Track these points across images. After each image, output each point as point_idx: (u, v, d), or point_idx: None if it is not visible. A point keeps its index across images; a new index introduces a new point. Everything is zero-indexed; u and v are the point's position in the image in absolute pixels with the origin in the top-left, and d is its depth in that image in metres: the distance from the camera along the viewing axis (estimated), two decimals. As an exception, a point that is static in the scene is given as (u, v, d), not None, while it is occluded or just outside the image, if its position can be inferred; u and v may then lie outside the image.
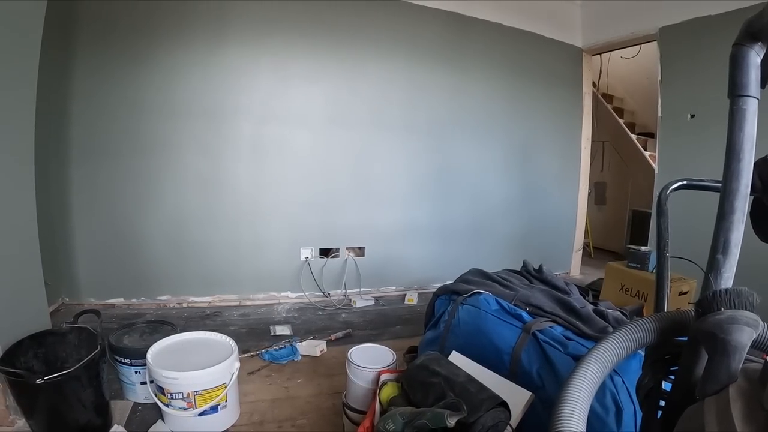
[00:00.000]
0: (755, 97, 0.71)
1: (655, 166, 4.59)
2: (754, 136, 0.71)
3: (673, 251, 3.19)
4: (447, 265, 4.40)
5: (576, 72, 5.24)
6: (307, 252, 4.01)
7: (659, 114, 4.43)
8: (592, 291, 3.88)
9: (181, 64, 3.49)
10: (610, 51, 5.78)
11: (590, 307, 1.93)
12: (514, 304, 2.02)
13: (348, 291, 4.16)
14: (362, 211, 4.19)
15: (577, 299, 2.04)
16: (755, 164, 0.97)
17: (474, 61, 4.55)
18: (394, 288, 4.40)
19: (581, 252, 5.51)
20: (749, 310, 0.67)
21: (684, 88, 4.17)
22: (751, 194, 1.03)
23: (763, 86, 0.88)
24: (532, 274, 2.43)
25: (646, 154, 6.27)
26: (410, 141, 4.30)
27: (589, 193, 5.67)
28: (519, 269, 2.60)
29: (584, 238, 5.66)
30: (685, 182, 1.08)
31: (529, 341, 1.80)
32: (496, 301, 2.07)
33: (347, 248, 4.19)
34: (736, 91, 0.71)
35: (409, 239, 4.41)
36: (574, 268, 5.43)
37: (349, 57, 3.98)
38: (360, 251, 4.25)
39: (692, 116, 4.14)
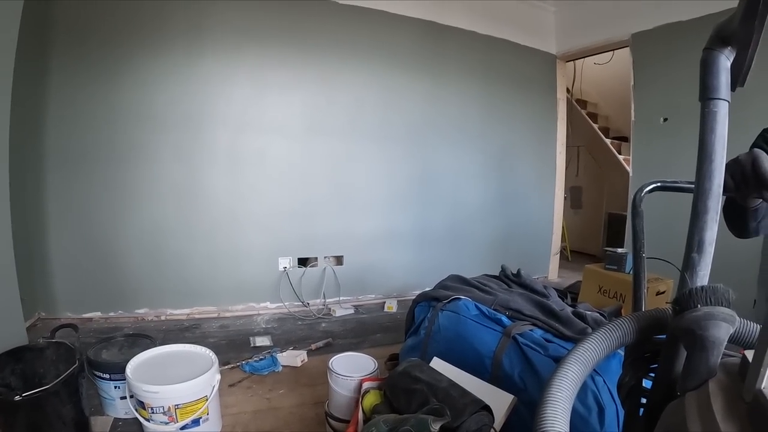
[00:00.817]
0: (726, 100, 0.73)
1: (629, 169, 4.65)
2: (726, 138, 0.73)
3: (649, 252, 3.23)
4: (427, 272, 4.42)
5: (550, 78, 5.32)
6: (286, 262, 4.00)
7: (632, 118, 4.51)
8: (570, 294, 3.92)
9: (159, 71, 3.48)
10: (584, 57, 5.87)
11: (569, 309, 1.95)
12: (494, 309, 2.04)
13: (327, 300, 4.16)
14: (341, 220, 4.19)
15: (555, 302, 2.07)
16: (727, 165, 1.00)
17: (450, 69, 4.60)
18: (374, 296, 4.40)
19: (559, 255, 5.57)
20: (725, 306, 0.69)
21: (657, 92, 4.25)
22: (723, 194, 1.06)
23: (733, 89, 0.90)
24: (510, 279, 2.45)
25: (621, 157, 6.37)
26: (388, 148, 4.32)
27: (566, 197, 5.74)
28: (498, 274, 2.62)
29: (561, 241, 5.72)
30: (659, 184, 1.10)
31: (509, 345, 1.82)
32: (476, 306, 2.08)
33: (326, 257, 4.18)
34: (707, 95, 0.73)
35: (388, 247, 4.42)
36: (552, 272, 5.48)
37: (327, 65, 4.00)
38: (338, 260, 4.25)
39: (665, 120, 4.22)
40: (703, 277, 0.75)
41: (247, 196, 3.82)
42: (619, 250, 3.47)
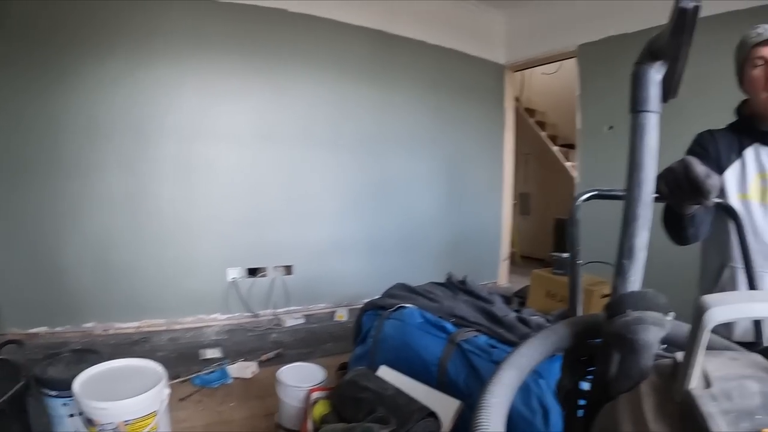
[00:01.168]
0: (655, 112, 0.76)
1: (576, 175, 4.78)
2: (655, 148, 0.76)
3: (595, 256, 3.31)
4: (378, 280, 4.36)
5: (498, 87, 5.42)
6: (235, 272, 3.94)
7: (579, 126, 4.63)
8: (518, 298, 4.00)
9: (105, 78, 3.39)
10: (532, 67, 6.00)
11: (513, 314, 1.99)
12: (439, 316, 2.05)
13: (277, 310, 4.11)
14: (291, 229, 4.15)
15: (500, 308, 2.10)
16: (661, 174, 1.04)
17: (400, 78, 4.64)
18: (324, 305, 4.37)
19: (508, 261, 5.66)
20: (655, 311, 0.72)
21: (602, 101, 4.38)
22: (658, 201, 1.10)
23: (666, 100, 0.94)
24: (456, 286, 2.48)
25: (568, 164, 6.52)
26: (339, 156, 4.32)
27: (515, 204, 5.84)
28: (444, 281, 2.65)
29: (511, 247, 5.82)
30: (595, 192, 1.13)
31: (454, 352, 1.84)
32: (421, 314, 2.10)
33: (275, 267, 4.14)
34: (636, 107, 0.76)
35: (339, 255, 4.41)
36: (502, 277, 5.57)
37: (279, 74, 3.97)
38: (288, 269, 4.20)
39: (611, 128, 4.35)
40: (634, 282, 0.78)
41: (196, 205, 3.75)
42: (565, 255, 3.55)
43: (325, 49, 4.20)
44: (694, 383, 0.58)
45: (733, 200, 1.54)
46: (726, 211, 1.09)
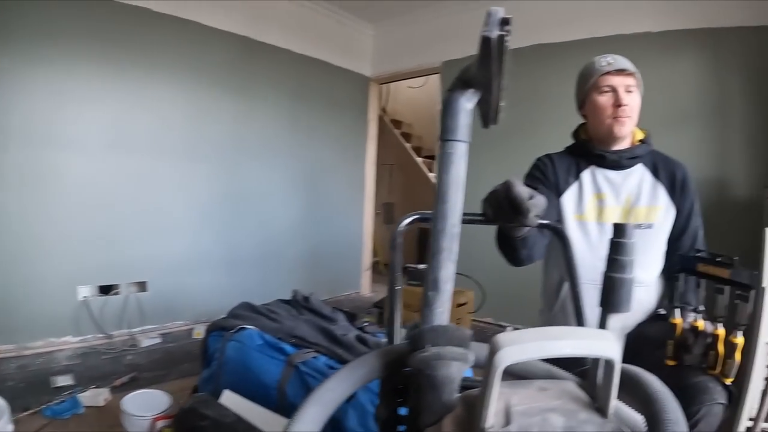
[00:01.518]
0: (463, 141, 0.75)
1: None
2: (462, 178, 0.75)
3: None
4: (237, 294, 4.12)
5: (363, 99, 5.48)
6: (86, 290, 3.59)
7: (438, 140, 4.76)
8: (378, 309, 4.03)
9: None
10: (398, 81, 6.11)
11: (353, 333, 1.97)
12: (279, 337, 2.00)
13: (132, 330, 3.79)
14: (144, 243, 3.86)
15: (341, 327, 2.09)
16: (486, 196, 1.05)
17: (262, 86, 4.53)
18: (182, 323, 4.11)
19: (371, 270, 5.71)
20: (456, 345, 0.70)
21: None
22: (484, 224, 1.11)
23: (486, 126, 0.94)
24: (300, 304, 2.42)
25: (431, 175, 6.71)
26: (196, 166, 4.11)
27: (378, 213, 5.91)
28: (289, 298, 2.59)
29: (374, 256, 5.87)
30: (417, 216, 1.12)
31: (293, 374, 1.80)
32: (260, 335, 2.03)
33: (129, 283, 3.83)
34: (443, 135, 0.75)
35: (196, 269, 4.18)
36: (364, 287, 5.60)
37: (133, 77, 3.69)
38: (142, 286, 3.90)
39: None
40: (440, 314, 0.76)
41: (43, 219, 3.37)
42: (421, 265, 3.62)
43: (186, 54, 3.98)
44: (491, 421, 0.58)
45: (570, 221, 1.64)
46: (553, 232, 1.12)
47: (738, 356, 1.17)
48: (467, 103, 0.77)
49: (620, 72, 1.59)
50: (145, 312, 3.88)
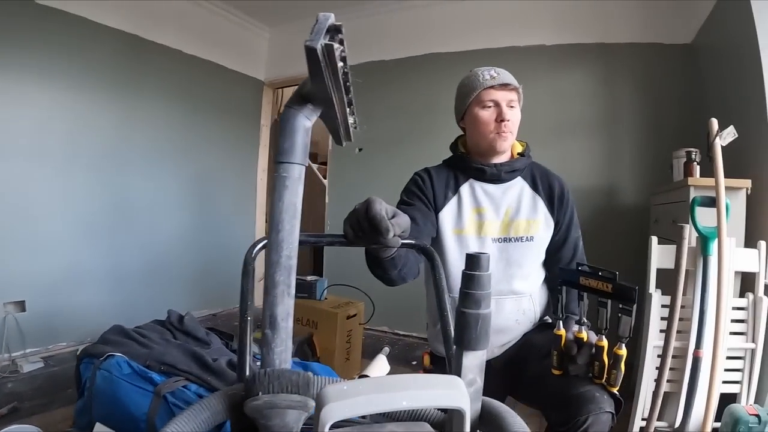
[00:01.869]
0: (299, 164, 0.68)
1: (327, 196, 4.88)
2: (298, 204, 0.68)
3: (337, 279, 3.36)
4: (125, 311, 3.89)
5: (256, 104, 5.34)
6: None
7: (330, 147, 4.74)
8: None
9: None
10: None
11: (225, 359, 1.85)
12: (147, 365, 1.85)
13: (12, 354, 3.40)
14: (21, 258, 3.49)
15: (215, 350, 1.96)
16: (347, 218, 0.99)
17: (151, 88, 4.27)
18: (66, 344, 3.75)
19: (263, 282, 5.53)
20: (293, 392, 0.64)
21: (363, 123, 4.52)
22: (345, 245, 1.05)
23: (340, 143, 0.88)
24: (174, 326, 2.26)
25: (326, 182, 6.64)
26: (76, 174, 3.78)
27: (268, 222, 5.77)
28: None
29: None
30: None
31: (161, 406, 1.66)
32: (128, 363, 1.87)
33: (5, 303, 3.42)
34: (278, 157, 0.67)
35: (79, 286, 3.83)
36: (258, 299, 5.39)
37: (8, 75, 3.34)
38: (20, 306, 3.52)
39: (360, 150, 4.53)
40: (280, 353, 0.69)
41: None
42: (309, 277, 3.54)
43: (71, 51, 3.65)
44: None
45: (449, 236, 1.62)
46: (420, 252, 1.08)
47: (622, 367, 1.18)
48: (306, 120, 0.70)
49: (504, 86, 1.58)
50: (25, 334, 3.51)
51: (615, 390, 1.24)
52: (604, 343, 1.19)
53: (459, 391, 0.55)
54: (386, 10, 4.62)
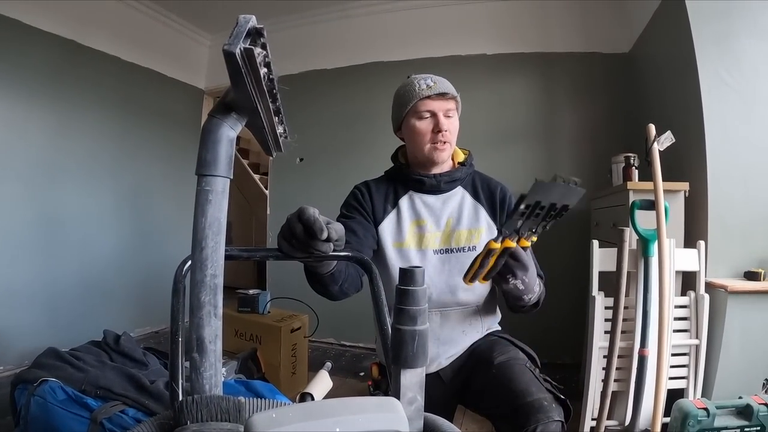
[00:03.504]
0: (223, 176, 0.64)
1: (268, 206, 4.86)
2: (222, 219, 0.64)
3: (281, 292, 3.29)
4: (62, 331, 3.69)
5: (196, 113, 5.20)
6: None
7: (271, 158, 4.69)
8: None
9: None
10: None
11: (163, 380, 1.78)
12: (83, 390, 1.75)
13: None
14: None
15: (153, 372, 1.88)
16: (280, 230, 0.96)
17: (86, 96, 4.07)
18: (3, 368, 3.50)
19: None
20: (224, 419, 0.60)
21: (295, 133, 4.47)
22: (282, 259, 1.01)
23: (270, 154, 0.84)
24: (110, 347, 2.16)
25: (268, 192, 6.57)
26: (5, 186, 3.55)
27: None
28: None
29: (213, 280, 5.56)
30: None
31: (99, 432, 1.57)
32: (62, 389, 1.76)
33: None
34: (200, 170, 0.63)
35: (9, 307, 3.57)
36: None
37: None
38: None
39: (301, 159, 4.50)
40: (210, 378, 0.64)
41: None
42: (251, 291, 3.46)
43: (1, 55, 3.46)
44: None
45: (390, 249, 1.59)
46: (358, 264, 1.05)
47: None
48: (230, 130, 0.66)
49: (441, 96, 1.55)
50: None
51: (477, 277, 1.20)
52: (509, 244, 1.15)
53: (396, 414, 0.52)
54: (327, 18, 4.61)
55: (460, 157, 1.71)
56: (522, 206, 1.06)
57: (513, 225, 1.13)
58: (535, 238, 1.21)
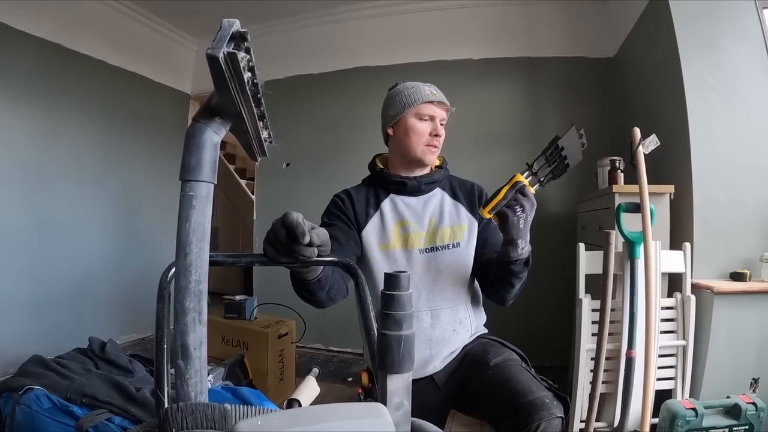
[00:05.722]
0: (207, 182, 0.63)
1: (254, 211, 4.84)
2: (206, 225, 0.63)
3: (268, 297, 3.28)
4: (47, 338, 3.68)
5: (182, 118, 5.17)
6: None
7: (257, 162, 4.66)
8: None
9: None
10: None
11: (149, 388, 1.76)
12: (68, 398, 1.73)
13: None
14: None
15: (139, 379, 1.87)
16: (265, 236, 0.96)
17: (72, 100, 4.04)
18: None
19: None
20: (209, 426, 0.59)
21: (281, 138, 4.46)
22: (267, 265, 1.01)
23: (255, 159, 0.84)
24: (96, 354, 2.14)
25: (254, 197, 6.54)
26: None
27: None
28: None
29: (200, 285, 5.52)
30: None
31: (83, 441, 1.55)
32: (47, 397, 1.74)
33: None
34: (183, 175, 0.62)
35: None
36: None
37: None
38: None
39: (287, 165, 4.49)
40: (195, 385, 0.63)
41: None
42: (238, 297, 3.44)
43: None
44: None
45: (375, 252, 1.61)
46: (343, 269, 1.04)
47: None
48: (214, 135, 0.65)
49: (441, 104, 1.63)
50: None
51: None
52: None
53: (383, 420, 0.51)
54: (313, 23, 4.62)
55: (437, 161, 1.78)
56: (555, 146, 1.40)
57: (540, 162, 1.41)
58: (535, 189, 1.40)
